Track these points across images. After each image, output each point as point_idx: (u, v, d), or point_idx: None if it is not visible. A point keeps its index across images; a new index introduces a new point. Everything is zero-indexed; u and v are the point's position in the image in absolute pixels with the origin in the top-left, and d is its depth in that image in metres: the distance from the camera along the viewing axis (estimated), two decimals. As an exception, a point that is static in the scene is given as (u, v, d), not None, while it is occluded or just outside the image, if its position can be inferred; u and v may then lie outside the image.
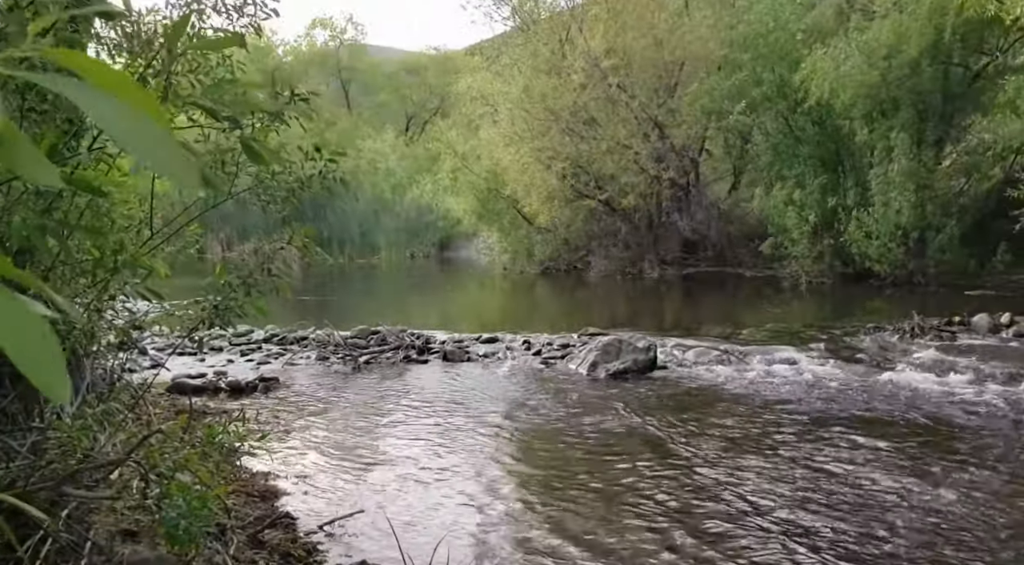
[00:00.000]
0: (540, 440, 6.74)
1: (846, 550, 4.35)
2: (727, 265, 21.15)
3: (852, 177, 17.55)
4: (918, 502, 5.02)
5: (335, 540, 4.45)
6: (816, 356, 9.83)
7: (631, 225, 22.18)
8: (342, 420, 7.39)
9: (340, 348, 10.51)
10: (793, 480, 5.51)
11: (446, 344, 10.77)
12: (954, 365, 9.11)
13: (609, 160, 20.92)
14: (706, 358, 9.84)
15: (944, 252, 15.87)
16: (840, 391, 8.17)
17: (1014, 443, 6.28)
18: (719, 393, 8.33)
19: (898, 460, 5.88)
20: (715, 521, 4.79)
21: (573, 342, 10.83)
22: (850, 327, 11.83)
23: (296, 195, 3.99)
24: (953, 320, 11.69)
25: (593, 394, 8.31)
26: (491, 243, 27.46)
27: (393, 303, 19.79)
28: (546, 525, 4.72)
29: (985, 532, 4.54)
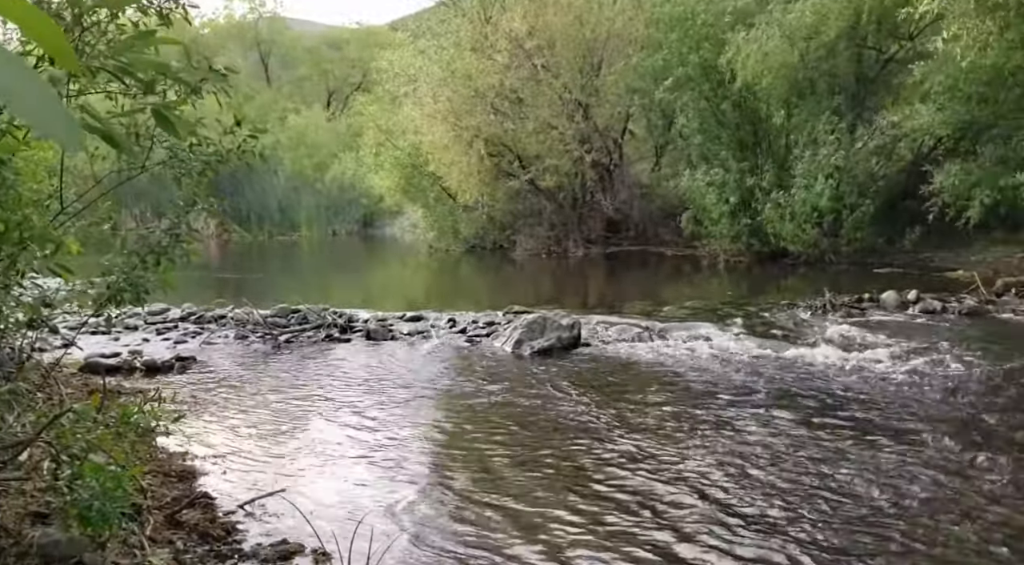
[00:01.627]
0: (464, 418, 6.76)
1: (762, 516, 4.48)
2: (649, 244, 21.47)
3: (770, 159, 17.97)
4: (828, 471, 5.20)
5: (255, 520, 4.38)
6: (733, 332, 10.06)
7: (556, 204, 22.30)
8: (262, 399, 7.27)
9: (260, 327, 10.32)
10: (711, 453, 5.65)
11: (369, 322, 10.68)
12: (863, 340, 9.46)
13: (534, 140, 20.95)
14: (628, 335, 9.98)
15: (857, 232, 16.41)
16: (755, 366, 8.40)
17: (918, 414, 6.56)
18: (640, 369, 8.48)
19: (809, 432, 6.08)
20: (635, 494, 4.89)
21: (498, 320, 10.85)
22: (765, 304, 12.16)
23: (213, 169, 3.88)
24: (863, 297, 12.11)
25: (518, 371, 8.36)
26: (416, 221, 27.26)
27: (315, 281, 19.52)
28: (469, 502, 4.74)
29: (889, 499, 4.74)
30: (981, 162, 13.99)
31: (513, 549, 4.08)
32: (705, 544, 4.17)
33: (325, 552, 3.84)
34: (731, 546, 4.15)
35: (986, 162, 13.89)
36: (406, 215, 29.12)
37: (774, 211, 16.83)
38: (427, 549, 4.05)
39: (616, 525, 4.42)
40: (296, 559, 3.91)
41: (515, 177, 21.44)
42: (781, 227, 16.81)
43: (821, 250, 16.89)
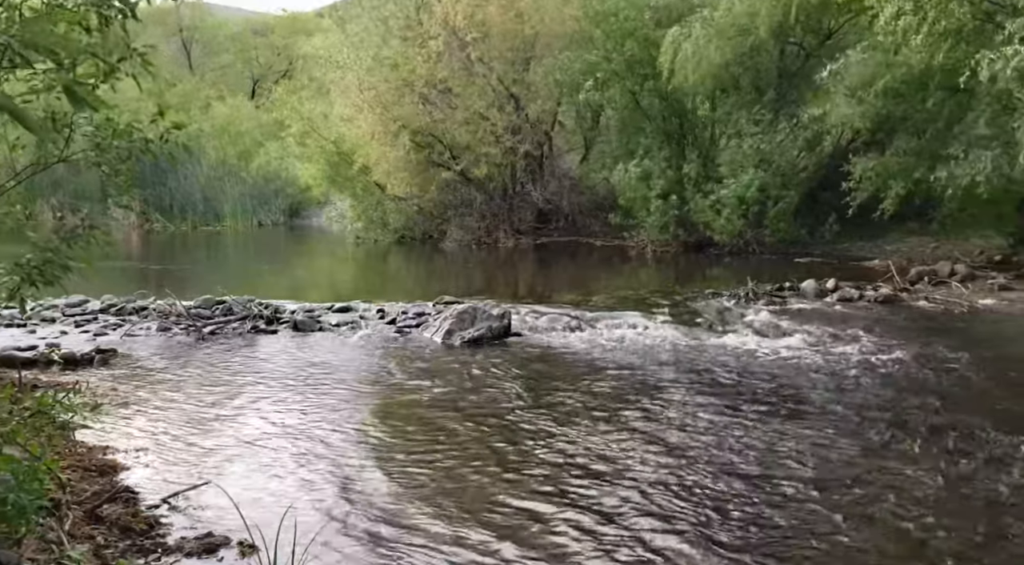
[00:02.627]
0: (393, 408, 6.73)
1: (685, 495, 4.59)
2: (579, 235, 21.64)
3: (695, 151, 18.27)
4: (748, 450, 5.35)
5: (179, 513, 4.30)
6: (660, 321, 10.23)
7: (486, 195, 22.27)
8: (186, 392, 7.11)
9: (183, 318, 10.08)
10: (638, 437, 5.75)
11: (296, 314, 10.52)
12: (784, 328, 9.73)
13: (464, 131, 20.86)
14: (558, 324, 10.05)
15: (780, 223, 16.83)
16: (681, 353, 8.56)
17: (834, 397, 6.78)
18: (570, 358, 8.56)
19: (731, 414, 6.24)
20: (563, 479, 4.94)
21: (428, 310, 10.80)
22: (691, 293, 12.39)
23: (135, 158, 3.77)
24: (784, 286, 12.46)
25: (448, 361, 8.36)
26: (343, 211, 26.88)
27: (240, 272, 19.12)
28: (396, 492, 4.73)
29: (805, 477, 4.90)
30: (896, 155, 14.46)
31: (441, 537, 4.08)
32: (631, 525, 4.25)
33: (251, 544, 3.79)
34: (655, 524, 4.23)
35: (901, 155, 14.36)
36: (333, 205, 28.68)
37: (701, 202, 17.14)
38: (354, 539, 4.04)
39: (543, 508, 4.47)
40: (222, 551, 3.85)
41: (445, 168, 21.31)
42: (708, 218, 17.13)
43: (745, 240, 17.28)
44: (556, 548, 4.01)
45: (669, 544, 4.05)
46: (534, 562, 3.86)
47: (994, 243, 15.03)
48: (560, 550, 3.99)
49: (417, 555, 3.90)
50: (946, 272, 13.17)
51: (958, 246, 15.23)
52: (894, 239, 16.22)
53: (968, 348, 8.41)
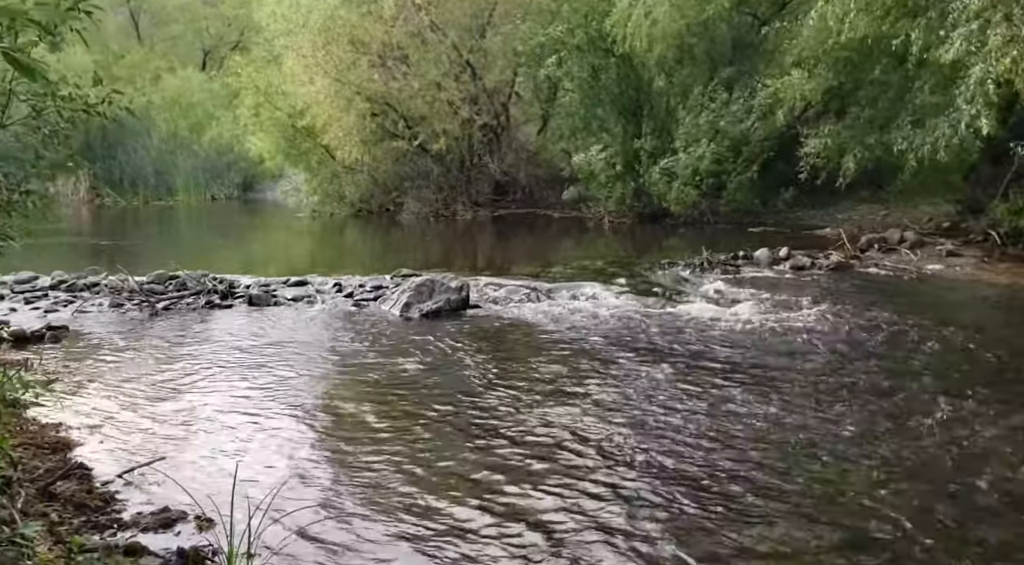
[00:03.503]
0: (351, 382, 6.71)
1: (641, 459, 4.67)
2: (536, 207, 21.65)
3: (652, 123, 18.33)
4: (704, 415, 5.45)
5: (135, 489, 4.27)
6: (617, 291, 10.33)
7: (443, 167, 22.14)
8: (140, 368, 7.03)
9: (136, 294, 9.93)
10: (596, 406, 5.82)
11: (251, 288, 10.42)
12: (738, 295, 9.89)
13: (420, 100, 20.66)
14: (516, 296, 10.09)
15: (736, 193, 17.02)
16: (637, 322, 8.65)
17: (786, 362, 6.92)
18: (529, 329, 8.60)
19: (688, 381, 6.34)
20: (523, 448, 5.00)
21: (386, 284, 10.77)
22: (648, 264, 12.50)
23: (78, 124, 3.68)
24: (738, 255, 12.63)
25: (407, 335, 8.35)
26: (298, 184, 26.55)
27: (193, 247, 18.86)
28: (354, 466, 4.73)
29: (758, 440, 5.01)
30: (849, 126, 14.66)
31: (397, 512, 4.10)
32: (590, 490, 4.31)
33: (208, 518, 3.78)
34: (616, 490, 4.30)
35: (854, 126, 14.56)
36: (288, 178, 28.32)
37: (656, 174, 17.24)
38: (310, 513, 4.04)
39: (502, 480, 4.51)
40: (179, 526, 3.84)
41: (400, 138, 21.10)
42: (663, 189, 17.24)
43: (700, 211, 17.46)
44: (518, 518, 4.06)
45: (629, 508, 4.12)
46: (492, 532, 3.90)
47: (942, 210, 15.36)
48: (522, 519, 4.04)
49: (373, 528, 3.92)
50: (896, 239, 13.45)
51: (908, 214, 15.53)
52: (846, 208, 16.49)
53: (916, 313, 8.62)
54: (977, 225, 13.95)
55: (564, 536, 3.83)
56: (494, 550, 3.69)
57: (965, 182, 15.09)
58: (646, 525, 3.94)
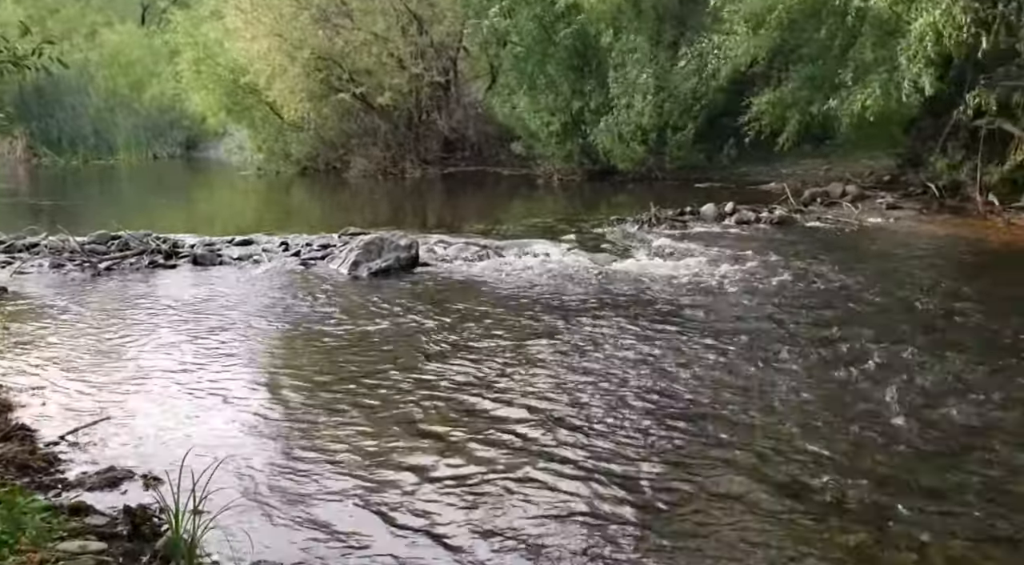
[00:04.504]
0: (299, 342, 6.67)
1: (592, 412, 4.75)
2: (486, 164, 21.53)
3: (597, 80, 18.26)
4: (651, 367, 5.55)
5: (80, 449, 4.23)
6: (567, 247, 10.39)
7: (391, 124, 21.84)
8: (82, 329, 6.91)
9: (77, 254, 9.72)
10: (546, 361, 5.89)
11: (196, 248, 10.25)
12: (685, 250, 10.02)
13: (366, 54, 20.29)
14: (466, 254, 10.09)
15: (680, 150, 17.14)
16: (587, 278, 8.73)
17: (731, 314, 7.07)
18: (479, 286, 8.62)
19: (635, 334, 6.43)
20: (473, 405, 5.05)
21: (334, 242, 10.68)
22: (596, 220, 12.58)
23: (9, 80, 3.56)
24: (685, 211, 12.77)
25: (355, 293, 8.32)
26: (242, 142, 26.02)
27: (136, 206, 18.44)
28: (303, 426, 4.72)
29: (706, 391, 5.13)
30: (793, 84, 14.80)
31: (346, 468, 4.12)
32: (542, 444, 4.39)
33: (155, 477, 3.77)
34: (565, 439, 4.38)
35: (798, 84, 14.70)
36: (232, 136, 27.72)
37: (603, 131, 17.25)
38: (257, 470, 4.06)
39: (452, 435, 4.56)
40: (125, 485, 3.82)
41: (346, 93, 20.70)
42: (610, 147, 17.28)
43: (648, 167, 17.55)
44: (468, 471, 4.12)
45: (578, 456, 4.20)
46: (442, 484, 3.95)
47: (883, 164, 15.66)
48: (473, 471, 4.10)
49: (322, 484, 3.94)
50: (838, 193, 13.72)
51: (850, 168, 15.82)
52: (789, 163, 16.70)
53: (856, 265, 8.85)
54: (916, 178, 14.27)
55: (514, 486, 3.90)
56: (443, 501, 3.75)
57: (906, 136, 15.37)
58: (593, 474, 4.02)
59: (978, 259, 9.74)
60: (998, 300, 7.39)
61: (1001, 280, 8.63)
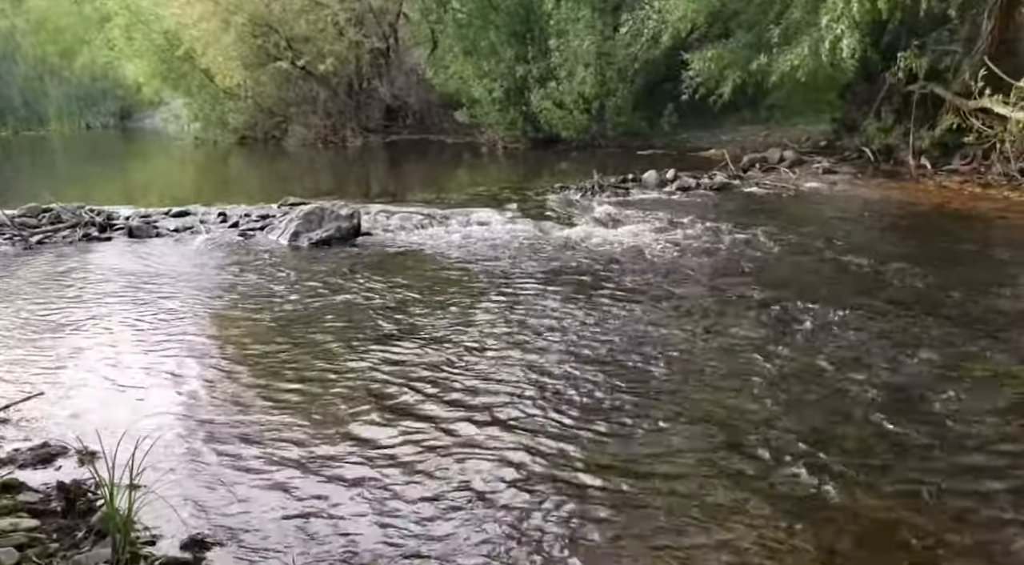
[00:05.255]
0: (236, 314, 6.58)
1: (538, 380, 4.81)
2: (429, 132, 21.39)
3: (540, 46, 18.20)
4: (593, 333, 5.62)
5: (12, 426, 4.15)
6: (511, 215, 10.38)
7: (331, 91, 21.51)
8: (13, 304, 6.72)
9: (6, 228, 9.43)
10: (490, 329, 5.91)
11: (131, 219, 10.01)
12: (627, 217, 10.10)
13: (303, 20, 19.91)
14: (410, 223, 10.03)
15: (620, 117, 17.23)
16: (531, 246, 8.76)
17: (673, 280, 7.16)
18: (422, 255, 8.60)
19: (579, 302, 6.49)
20: (416, 375, 5.06)
21: (273, 212, 10.53)
22: (540, 188, 12.60)
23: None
24: (627, 178, 12.85)
25: (295, 264, 8.23)
26: (178, 111, 25.39)
27: (69, 178, 17.92)
28: (238, 400, 4.67)
29: (650, 356, 5.21)
30: (731, 46, 14.93)
31: (285, 441, 4.09)
32: (488, 415, 4.42)
33: (91, 452, 3.71)
34: (509, 411, 4.43)
35: (736, 46, 14.84)
36: (168, 105, 27.04)
37: (545, 99, 17.23)
38: (197, 445, 4.02)
39: (393, 406, 4.56)
40: (59, 461, 3.77)
41: (283, 60, 20.30)
42: (552, 115, 17.28)
43: (591, 135, 17.62)
44: (406, 442, 4.13)
45: (523, 423, 4.25)
46: (379, 454, 3.96)
47: (820, 129, 15.96)
48: (411, 443, 4.12)
49: (260, 456, 3.92)
50: (776, 159, 13.94)
51: (787, 133, 16.09)
52: (729, 129, 16.92)
53: (793, 229, 9.02)
54: (851, 143, 14.58)
55: (456, 455, 3.93)
56: (384, 473, 3.76)
57: (841, 101, 15.66)
58: (534, 440, 4.08)
59: (910, 221, 10.01)
60: (929, 260, 7.61)
61: (931, 241, 8.90)
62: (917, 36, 13.14)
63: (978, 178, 11.89)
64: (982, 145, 12.06)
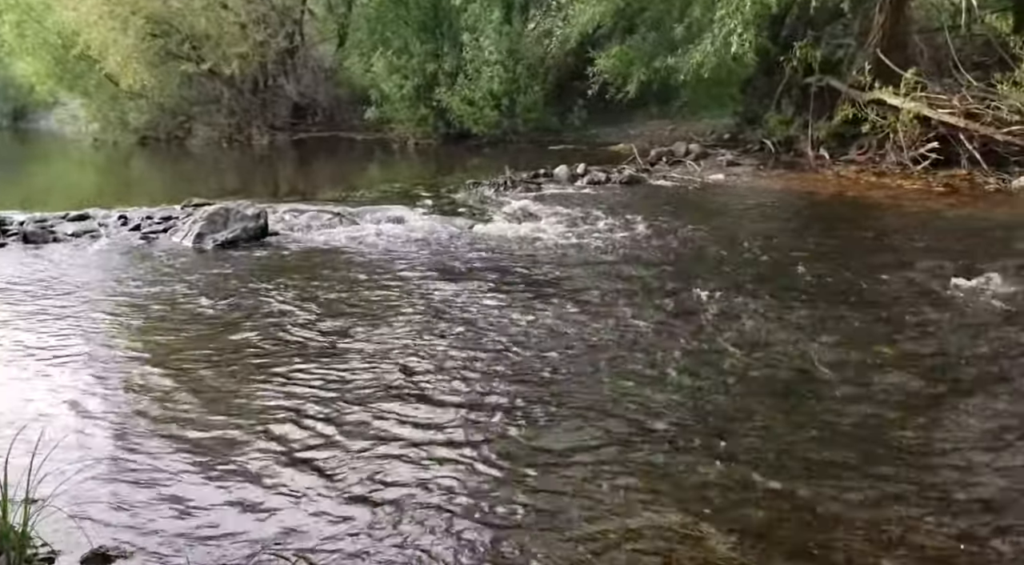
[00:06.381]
0: (141, 319, 6.36)
1: (451, 375, 4.80)
2: (339, 129, 21.10)
3: (451, 42, 18.18)
4: (508, 329, 5.64)
5: None
6: (423, 212, 10.35)
7: (235, 90, 21.02)
8: None
9: None
10: (401, 327, 5.87)
11: (26, 224, 9.57)
12: (540, 212, 10.18)
13: (205, 19, 19.39)
14: (319, 222, 9.88)
15: (530, 113, 17.35)
16: (444, 243, 8.75)
17: (584, 273, 7.26)
18: (332, 254, 8.48)
19: (493, 297, 6.51)
20: (328, 374, 4.99)
21: (176, 214, 10.22)
22: (453, 184, 12.59)
23: None
24: (539, 173, 12.97)
25: (200, 266, 8.00)
26: (76, 111, 24.40)
27: (-44, 184, 17.06)
28: (146, 409, 4.51)
29: (561, 350, 5.26)
30: (637, 44, 15.20)
31: (189, 450, 3.97)
32: (393, 412, 4.39)
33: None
34: (423, 407, 4.41)
35: (641, 43, 15.12)
36: (65, 105, 25.95)
37: (455, 95, 17.22)
38: (98, 456, 3.89)
39: (304, 409, 4.49)
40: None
41: (186, 60, 19.76)
42: (464, 111, 17.28)
43: (503, 130, 17.70)
44: (317, 448, 4.07)
45: (434, 419, 4.24)
46: (290, 470, 3.89)
47: (724, 123, 16.39)
48: (319, 443, 4.07)
49: (164, 467, 3.80)
50: (682, 152, 14.27)
51: (692, 127, 16.48)
52: (637, 123, 17.23)
53: (699, 220, 9.27)
54: (754, 135, 15.02)
55: (367, 457, 3.90)
56: (293, 478, 3.69)
57: (743, 95, 16.10)
58: (450, 435, 4.07)
59: (810, 210, 10.38)
60: (827, 247, 7.91)
61: (830, 229, 9.25)
62: (813, 30, 13.62)
63: (873, 167, 12.41)
64: (877, 135, 12.59)
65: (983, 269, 6.74)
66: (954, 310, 5.90)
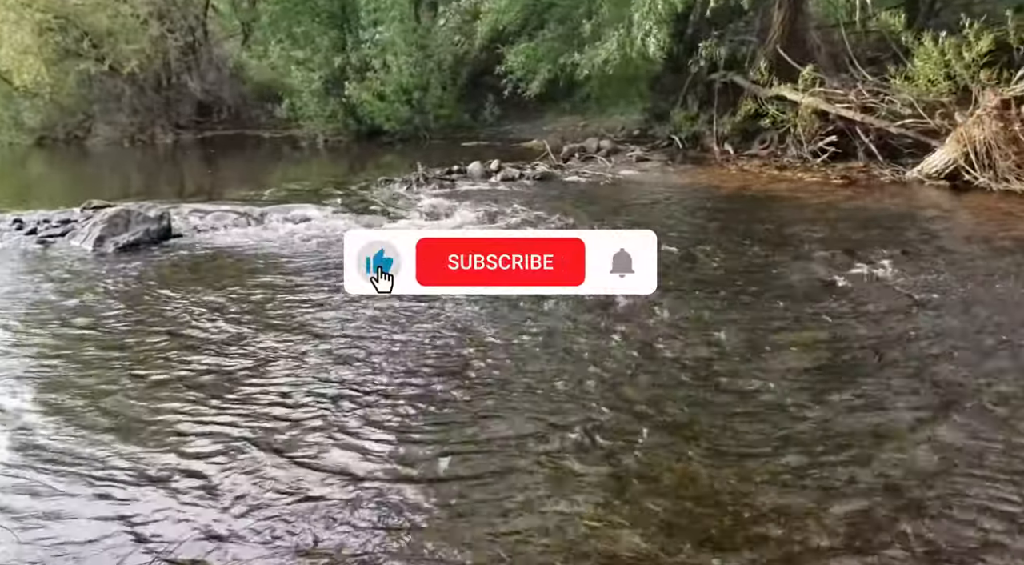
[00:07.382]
0: (35, 328, 6.10)
1: (368, 378, 4.75)
2: (245, 127, 20.63)
3: (356, 36, 17.96)
4: (416, 328, 5.62)
5: None
6: (332, 211, 10.20)
7: (136, 88, 20.32)
8: None
9: None
10: (307, 331, 5.78)
11: (-91, 231, 9.10)
12: (452, 209, 10.15)
13: (103, 15, 18.71)
14: (224, 222, 9.66)
15: (443, 108, 17.29)
16: (353, 242, 8.62)
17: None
18: (237, 255, 8.29)
19: (405, 296, 6.46)
20: (229, 374, 4.88)
21: (75, 217, 9.83)
22: (364, 181, 12.46)
23: None
24: (452, 169, 12.94)
25: (100, 271, 7.72)
26: (-36, 111, 23.20)
27: None
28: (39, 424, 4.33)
29: (460, 343, 5.27)
30: (544, 41, 15.32)
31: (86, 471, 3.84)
32: (308, 416, 4.33)
33: None
34: (321, 410, 4.36)
35: (548, 40, 15.24)
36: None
37: (365, 91, 17.04)
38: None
39: (205, 419, 4.37)
40: None
41: (84, 57, 19.02)
42: (374, 107, 17.11)
43: (415, 127, 17.59)
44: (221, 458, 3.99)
45: (347, 424, 4.20)
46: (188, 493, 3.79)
47: (633, 119, 16.63)
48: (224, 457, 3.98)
49: (55, 490, 3.65)
50: (593, 148, 14.44)
51: (603, 124, 16.68)
52: (549, 120, 17.36)
53: (609, 215, 9.41)
54: (662, 131, 15.30)
55: (273, 460, 3.83)
56: (191, 501, 3.60)
57: (651, 92, 16.38)
58: (360, 439, 4.04)
59: (715, 204, 10.62)
60: (731, 240, 8.11)
61: (732, 221, 9.48)
62: (716, 28, 13.95)
63: (775, 161, 12.78)
64: (778, 130, 12.96)
65: (876, 258, 7.03)
66: (849, 298, 6.13)
